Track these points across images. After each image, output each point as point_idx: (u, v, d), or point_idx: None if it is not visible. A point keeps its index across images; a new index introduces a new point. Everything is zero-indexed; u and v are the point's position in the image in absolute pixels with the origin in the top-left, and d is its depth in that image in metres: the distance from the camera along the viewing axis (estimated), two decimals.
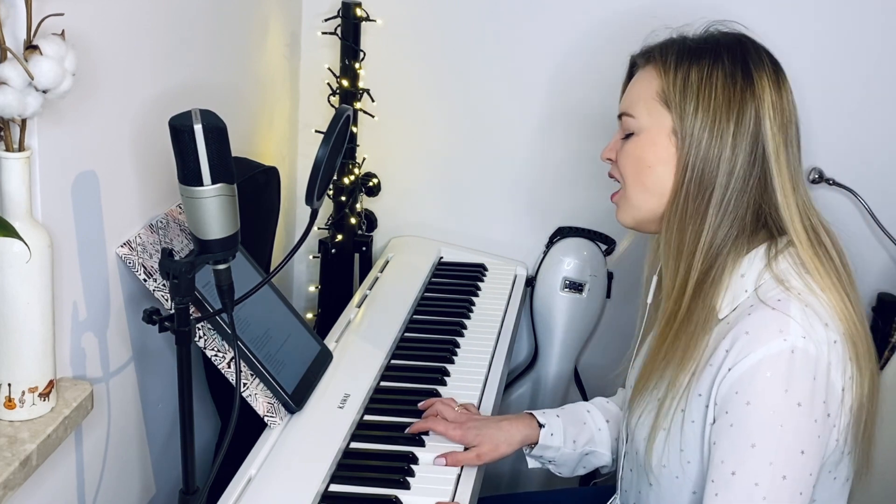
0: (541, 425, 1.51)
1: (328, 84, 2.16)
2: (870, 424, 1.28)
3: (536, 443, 1.52)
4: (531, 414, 1.53)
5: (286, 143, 2.22)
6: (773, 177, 1.28)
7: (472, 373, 1.73)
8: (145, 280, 1.40)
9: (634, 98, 1.35)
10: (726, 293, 1.27)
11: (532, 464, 1.56)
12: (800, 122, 1.32)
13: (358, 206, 2.23)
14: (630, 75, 1.40)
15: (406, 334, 1.85)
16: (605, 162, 1.41)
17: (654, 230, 1.37)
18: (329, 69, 2.16)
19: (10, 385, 1.17)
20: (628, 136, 1.35)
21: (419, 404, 1.58)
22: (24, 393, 1.18)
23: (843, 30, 2.01)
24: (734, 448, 1.19)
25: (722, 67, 1.28)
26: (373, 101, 2.17)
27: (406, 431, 1.51)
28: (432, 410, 1.54)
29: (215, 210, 1.13)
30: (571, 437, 1.52)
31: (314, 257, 2.29)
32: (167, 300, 1.38)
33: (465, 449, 1.47)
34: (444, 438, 1.49)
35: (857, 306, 1.27)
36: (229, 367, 1.45)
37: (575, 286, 2.20)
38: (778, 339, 1.19)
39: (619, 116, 1.37)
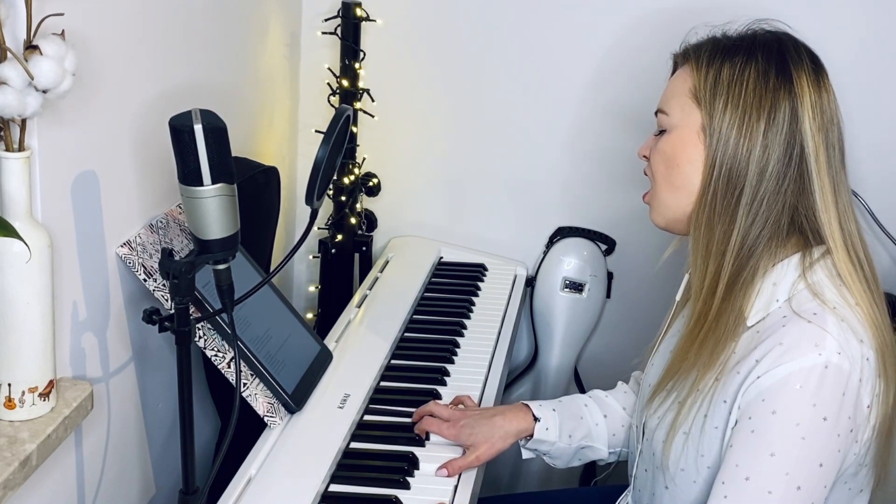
0: (536, 419, 1.50)
1: (328, 84, 2.16)
2: (891, 437, 1.26)
3: (532, 435, 1.51)
4: (527, 405, 1.52)
5: (286, 143, 2.22)
6: (813, 179, 1.24)
7: (472, 373, 1.74)
8: (145, 280, 1.40)
9: (669, 95, 1.33)
10: (757, 299, 1.25)
11: (526, 454, 1.55)
12: (843, 125, 1.28)
13: (358, 206, 2.23)
14: (673, 73, 1.38)
15: (406, 334, 1.85)
16: (641, 160, 1.39)
17: (685, 231, 1.34)
18: (329, 69, 2.16)
19: (10, 385, 1.17)
20: (662, 132, 1.34)
21: (412, 417, 1.56)
22: (24, 393, 1.18)
23: (843, 32, 2.01)
24: (752, 454, 1.18)
25: (755, 64, 1.25)
26: (373, 101, 2.17)
27: (415, 430, 1.51)
28: (426, 411, 1.54)
29: (215, 210, 1.13)
30: (567, 431, 1.51)
31: (314, 257, 2.29)
32: (167, 300, 1.38)
33: (464, 451, 1.47)
34: (443, 438, 1.49)
35: (885, 318, 1.25)
36: (229, 367, 1.45)
37: (575, 286, 2.20)
38: (813, 353, 1.17)
39: (656, 113, 1.35)
